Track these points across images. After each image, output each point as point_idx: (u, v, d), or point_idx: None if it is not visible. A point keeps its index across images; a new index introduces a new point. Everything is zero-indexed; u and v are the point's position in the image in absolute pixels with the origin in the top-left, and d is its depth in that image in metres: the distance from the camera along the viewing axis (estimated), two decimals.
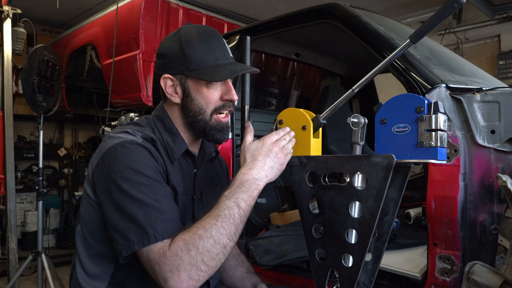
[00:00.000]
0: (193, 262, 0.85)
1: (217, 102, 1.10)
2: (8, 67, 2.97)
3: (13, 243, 2.90)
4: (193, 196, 1.15)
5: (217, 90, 1.09)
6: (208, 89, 1.08)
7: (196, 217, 1.14)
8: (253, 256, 1.70)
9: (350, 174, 0.89)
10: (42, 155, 2.99)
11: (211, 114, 1.09)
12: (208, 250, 0.86)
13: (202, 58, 1.06)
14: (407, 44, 0.95)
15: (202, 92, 1.08)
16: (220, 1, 4.13)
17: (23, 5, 3.29)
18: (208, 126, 1.10)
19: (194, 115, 1.09)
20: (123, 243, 0.90)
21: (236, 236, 0.91)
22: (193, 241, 0.86)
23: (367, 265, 0.94)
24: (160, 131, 1.10)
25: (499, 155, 1.17)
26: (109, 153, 0.97)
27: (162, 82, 1.11)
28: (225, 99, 1.10)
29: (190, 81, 1.08)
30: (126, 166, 0.94)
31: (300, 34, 2.29)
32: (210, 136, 1.11)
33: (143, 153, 0.98)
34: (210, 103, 1.09)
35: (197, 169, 1.18)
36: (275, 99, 3.31)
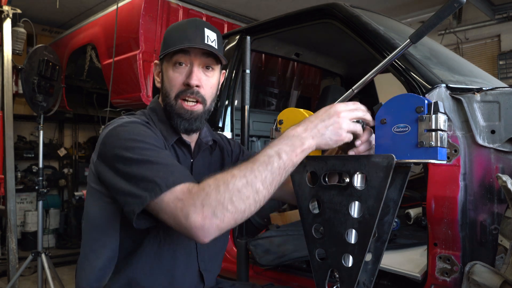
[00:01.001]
0: (220, 198, 0.79)
1: (180, 86, 1.09)
2: (8, 67, 2.97)
3: (13, 243, 2.90)
4: None
5: (182, 74, 1.09)
6: (173, 71, 1.10)
7: None
8: (253, 256, 1.70)
9: (350, 174, 0.89)
10: (42, 155, 2.99)
11: (175, 99, 1.10)
12: (239, 190, 0.80)
13: (171, 41, 1.09)
14: (407, 44, 0.95)
15: (168, 74, 1.11)
16: (220, 1, 4.13)
17: (23, 5, 3.29)
18: (173, 111, 1.10)
19: (164, 98, 1.13)
20: (135, 201, 0.86)
21: (271, 186, 0.83)
22: (224, 178, 0.81)
23: (367, 265, 0.94)
24: (154, 122, 1.12)
25: (499, 155, 1.17)
26: (109, 134, 0.99)
27: (152, 69, 1.19)
28: (185, 83, 1.09)
29: (164, 64, 1.13)
30: (127, 139, 0.94)
31: (300, 34, 2.29)
32: (174, 123, 1.11)
33: (143, 128, 1.00)
34: (173, 86, 1.10)
35: (193, 159, 1.18)
36: (275, 99, 3.31)
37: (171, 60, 1.09)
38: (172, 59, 1.09)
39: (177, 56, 1.08)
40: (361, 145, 0.96)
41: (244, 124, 1.72)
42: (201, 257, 1.15)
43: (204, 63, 1.11)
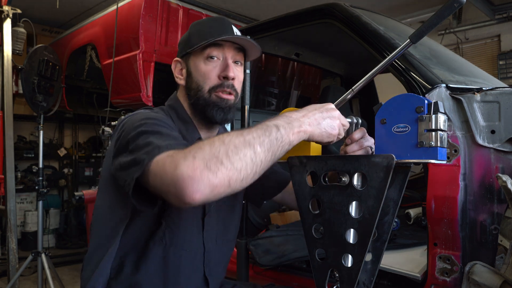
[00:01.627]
0: (214, 152, 0.72)
1: (215, 80, 1.09)
2: (8, 67, 2.97)
3: (13, 243, 2.90)
4: None
5: (215, 68, 1.09)
6: (206, 65, 1.09)
7: (207, 210, 1.13)
8: (253, 256, 1.70)
9: (350, 174, 0.89)
10: (42, 155, 2.99)
11: (209, 92, 1.09)
12: (236, 146, 0.73)
13: (201, 35, 1.08)
14: (407, 44, 0.95)
15: (199, 68, 1.09)
16: (220, 1, 4.13)
17: (23, 5, 3.29)
18: (207, 103, 1.09)
19: (194, 94, 1.10)
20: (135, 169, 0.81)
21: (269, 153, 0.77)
22: (220, 136, 0.76)
23: (367, 265, 0.94)
24: (173, 119, 1.11)
25: (499, 155, 1.17)
26: (126, 120, 1.00)
27: (172, 66, 1.16)
28: (222, 76, 1.09)
29: (191, 59, 1.11)
30: (143, 119, 0.94)
31: (300, 34, 2.29)
32: (210, 114, 1.09)
33: (160, 116, 1.00)
34: (207, 79, 1.09)
35: None
36: (275, 99, 3.32)
37: (203, 54, 1.09)
38: (203, 53, 1.09)
39: (209, 50, 1.08)
40: (351, 144, 0.98)
41: (244, 124, 1.72)
42: (207, 262, 1.14)
43: (235, 57, 1.12)
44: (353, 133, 0.99)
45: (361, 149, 0.98)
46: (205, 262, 1.14)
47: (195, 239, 1.10)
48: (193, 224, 1.10)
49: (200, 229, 1.12)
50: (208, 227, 1.14)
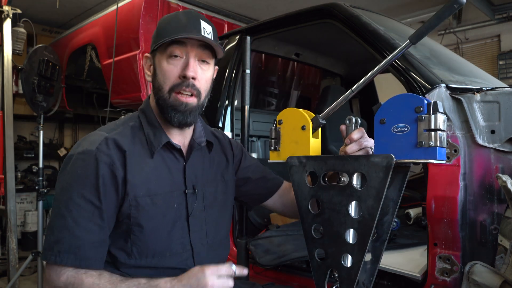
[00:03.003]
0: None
1: (175, 79, 1.06)
2: (8, 67, 2.97)
3: (13, 243, 2.90)
4: (185, 190, 1.12)
5: (177, 66, 1.06)
6: (168, 64, 1.06)
7: (190, 211, 1.11)
8: (253, 256, 1.69)
9: (350, 174, 0.89)
10: (42, 155, 3.00)
11: (169, 92, 1.06)
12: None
13: (165, 32, 1.05)
14: (407, 45, 0.95)
15: (162, 66, 1.07)
16: (220, 1, 4.13)
17: (23, 5, 3.29)
18: (166, 104, 1.07)
19: (157, 92, 1.09)
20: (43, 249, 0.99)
21: None
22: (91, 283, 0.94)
23: (367, 265, 0.94)
24: (143, 125, 1.11)
25: (499, 155, 1.17)
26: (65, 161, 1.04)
27: (143, 62, 1.14)
28: (181, 76, 1.06)
29: (157, 57, 1.09)
30: (70, 178, 0.99)
31: (300, 34, 2.28)
32: (167, 115, 1.08)
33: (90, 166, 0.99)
34: (167, 79, 1.06)
35: (186, 161, 1.14)
36: (275, 99, 3.31)
37: (165, 51, 1.06)
38: (166, 50, 1.05)
39: (172, 48, 1.05)
40: (350, 144, 0.97)
41: (244, 124, 1.72)
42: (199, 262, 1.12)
43: (200, 56, 1.08)
44: (352, 133, 0.99)
45: (361, 149, 0.98)
46: (196, 263, 1.11)
47: (179, 242, 1.09)
48: (174, 227, 1.08)
49: (186, 231, 1.11)
50: (195, 227, 1.12)
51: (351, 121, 1.01)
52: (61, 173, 1.02)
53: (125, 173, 1.02)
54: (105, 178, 0.99)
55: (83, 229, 0.96)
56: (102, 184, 0.99)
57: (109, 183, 1.00)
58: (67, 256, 0.94)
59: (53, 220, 0.98)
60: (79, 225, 0.96)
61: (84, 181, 0.98)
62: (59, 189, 1.00)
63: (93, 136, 1.05)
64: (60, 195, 0.99)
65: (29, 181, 4.93)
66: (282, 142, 1.06)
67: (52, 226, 0.97)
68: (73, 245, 0.95)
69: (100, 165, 0.99)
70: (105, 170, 0.99)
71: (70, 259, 0.94)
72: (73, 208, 0.96)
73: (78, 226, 0.96)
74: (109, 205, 1.00)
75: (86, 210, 0.97)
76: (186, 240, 1.11)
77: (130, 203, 1.02)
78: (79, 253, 0.95)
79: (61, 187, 1.00)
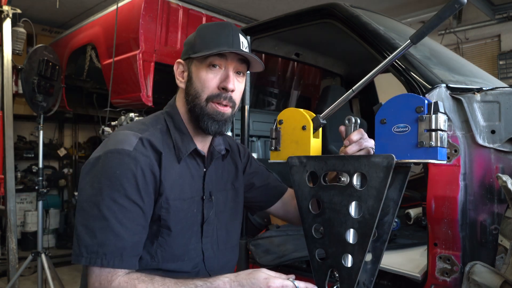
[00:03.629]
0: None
1: (214, 89, 1.07)
2: (8, 67, 2.97)
3: (13, 243, 2.90)
4: (202, 196, 1.13)
5: (216, 77, 1.07)
6: (207, 73, 1.07)
7: (205, 217, 1.12)
8: (253, 256, 1.70)
9: (350, 174, 0.89)
10: (42, 155, 3.00)
11: (206, 101, 1.07)
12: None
13: (206, 42, 1.06)
14: (408, 45, 0.95)
15: (201, 75, 1.07)
16: (220, 1, 4.13)
17: (23, 5, 3.29)
18: (202, 112, 1.08)
19: (192, 99, 1.09)
20: (75, 249, 0.93)
21: None
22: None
23: (367, 265, 0.94)
24: (170, 128, 1.10)
25: (499, 155, 1.17)
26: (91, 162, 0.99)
27: (175, 67, 1.13)
28: (221, 87, 1.08)
29: (194, 64, 1.09)
30: (107, 178, 0.95)
31: (300, 34, 2.28)
32: (203, 124, 1.08)
33: (129, 165, 0.96)
34: (205, 88, 1.07)
35: (206, 168, 1.16)
36: (275, 99, 3.32)
37: (205, 61, 1.07)
38: (206, 60, 1.07)
39: (212, 58, 1.06)
40: (350, 145, 0.97)
41: (244, 124, 1.72)
42: (210, 267, 1.14)
43: (237, 69, 1.10)
44: (351, 134, 0.99)
45: (362, 150, 0.98)
46: (207, 268, 1.13)
47: (193, 247, 1.10)
48: (192, 232, 1.10)
49: (199, 237, 1.12)
50: (207, 233, 1.13)
51: (350, 121, 1.01)
52: (89, 174, 0.97)
53: (160, 175, 1.02)
54: (146, 178, 0.98)
55: (129, 230, 0.94)
56: (144, 184, 0.98)
57: (149, 183, 0.99)
58: (113, 258, 0.91)
59: (91, 223, 0.93)
60: (124, 226, 0.93)
61: (125, 181, 0.95)
62: (92, 190, 0.95)
63: (122, 136, 1.01)
64: (95, 196, 0.94)
65: (29, 181, 4.93)
66: (283, 142, 1.07)
67: (91, 229, 0.92)
68: (118, 247, 0.92)
69: (141, 165, 0.98)
70: (146, 170, 0.98)
71: (116, 261, 0.92)
72: (117, 209, 0.93)
73: (123, 227, 0.93)
74: (150, 205, 1.00)
75: (130, 211, 0.95)
76: (198, 245, 1.12)
77: (162, 205, 1.02)
78: (124, 255, 0.93)
79: (96, 188, 0.94)
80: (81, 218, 0.95)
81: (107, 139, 1.04)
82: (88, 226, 0.93)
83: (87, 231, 0.93)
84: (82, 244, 0.92)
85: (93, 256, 0.91)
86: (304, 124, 1.02)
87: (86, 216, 0.94)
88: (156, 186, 1.01)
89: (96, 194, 0.94)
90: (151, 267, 1.03)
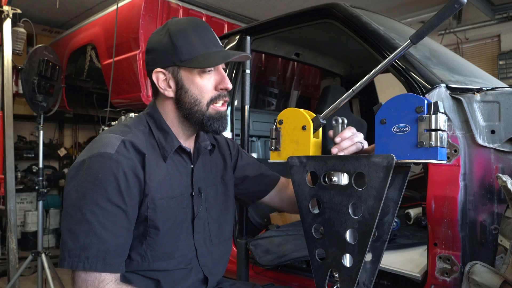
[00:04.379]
0: None
1: (212, 92, 1.08)
2: (8, 67, 2.97)
3: (13, 243, 2.90)
4: (192, 192, 1.14)
5: (210, 80, 1.08)
6: (202, 78, 1.07)
7: (196, 213, 1.13)
8: (253, 256, 1.70)
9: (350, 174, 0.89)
10: (42, 155, 2.99)
11: (207, 105, 1.08)
12: None
13: (192, 47, 1.05)
14: (408, 45, 0.95)
15: (195, 82, 1.07)
16: (220, 1, 4.13)
17: (23, 5, 3.29)
18: (205, 116, 1.08)
19: (190, 107, 1.08)
20: (60, 254, 0.94)
21: None
22: None
23: (367, 265, 0.94)
24: (152, 129, 1.10)
25: (499, 155, 1.17)
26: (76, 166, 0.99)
27: (154, 77, 1.08)
28: (220, 89, 1.08)
29: (183, 72, 1.07)
30: (90, 182, 0.94)
31: (300, 34, 2.29)
32: (208, 127, 1.09)
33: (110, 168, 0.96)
34: (205, 93, 1.07)
35: (194, 164, 1.16)
36: (275, 99, 3.32)
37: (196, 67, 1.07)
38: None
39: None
40: (343, 141, 0.98)
41: (244, 124, 1.72)
42: (203, 262, 1.15)
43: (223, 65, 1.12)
44: (343, 132, 1.00)
45: (353, 145, 0.99)
46: (201, 264, 1.14)
47: (184, 243, 1.10)
48: (182, 228, 1.10)
49: (191, 233, 1.12)
50: (198, 229, 1.14)
51: (337, 122, 1.02)
52: (74, 179, 0.97)
53: (144, 176, 1.01)
54: (129, 181, 0.98)
55: (111, 234, 0.94)
56: (126, 186, 0.97)
57: (132, 186, 0.99)
58: (95, 261, 0.91)
59: (75, 226, 0.93)
60: (107, 229, 0.93)
61: (107, 184, 0.95)
62: (76, 194, 0.95)
63: (106, 139, 1.01)
64: (79, 200, 0.94)
65: (29, 181, 4.93)
66: (283, 142, 1.07)
67: (74, 233, 0.92)
68: (101, 250, 0.92)
69: (123, 168, 0.97)
70: (129, 173, 0.98)
71: (99, 264, 0.92)
72: (99, 213, 0.93)
73: (106, 231, 0.93)
74: (133, 207, 1.00)
75: (113, 214, 0.95)
76: (190, 241, 1.12)
77: (147, 206, 1.02)
78: (107, 258, 0.93)
79: (80, 192, 0.94)
80: (66, 222, 0.95)
81: (92, 142, 1.04)
82: (72, 230, 0.93)
83: (70, 235, 0.93)
84: (66, 249, 0.92)
85: (75, 260, 0.91)
86: (304, 124, 1.03)
87: (70, 220, 0.94)
88: (141, 187, 1.01)
89: (80, 198, 0.94)
90: (142, 268, 1.04)
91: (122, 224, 0.96)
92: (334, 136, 1.01)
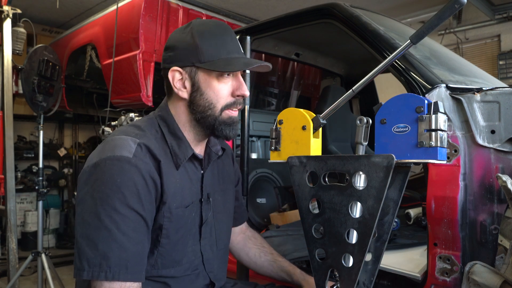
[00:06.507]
0: None
1: (228, 98, 1.06)
2: (8, 67, 2.97)
3: (13, 243, 2.90)
4: (201, 198, 1.11)
5: (227, 85, 1.05)
6: (219, 82, 1.04)
7: (204, 219, 1.11)
8: None
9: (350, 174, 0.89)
10: (42, 155, 2.99)
11: (221, 110, 1.05)
12: None
13: (215, 49, 1.02)
14: (408, 45, 0.95)
15: (212, 85, 1.03)
16: (220, 1, 4.13)
17: (23, 5, 3.29)
18: (217, 121, 1.05)
19: (203, 110, 1.05)
20: (77, 263, 0.89)
21: None
22: None
23: (367, 265, 0.94)
24: (164, 134, 1.06)
25: (499, 155, 1.17)
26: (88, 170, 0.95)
27: (170, 75, 1.04)
28: (236, 95, 1.06)
29: (201, 73, 1.03)
30: (108, 187, 0.90)
31: (300, 34, 2.28)
32: (219, 131, 1.07)
33: (129, 173, 0.92)
34: (220, 98, 1.04)
35: (204, 170, 1.14)
36: (275, 99, 3.32)
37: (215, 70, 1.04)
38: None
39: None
40: None
41: (244, 124, 1.72)
42: (210, 268, 1.14)
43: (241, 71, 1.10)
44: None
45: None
46: (207, 269, 1.13)
47: (191, 249, 1.09)
48: (190, 235, 1.08)
49: (197, 239, 1.11)
50: (205, 235, 1.13)
51: (362, 121, 0.98)
52: (87, 183, 0.92)
53: (162, 183, 0.98)
54: (148, 186, 0.94)
55: (132, 241, 0.90)
56: (145, 192, 0.94)
57: (151, 191, 0.96)
58: (118, 270, 0.87)
59: (93, 234, 0.88)
60: (127, 236, 0.89)
61: (126, 190, 0.90)
62: (92, 200, 0.90)
63: (119, 141, 0.96)
64: (96, 206, 0.89)
65: (29, 181, 4.93)
66: (283, 142, 1.06)
67: (92, 240, 0.87)
68: (122, 258, 0.88)
69: (142, 173, 0.93)
70: (147, 178, 0.94)
71: (121, 273, 0.87)
72: (119, 219, 0.88)
73: (126, 237, 0.89)
74: (151, 214, 0.97)
75: (133, 221, 0.91)
76: (197, 247, 1.11)
77: (164, 214, 0.99)
78: (129, 267, 0.89)
79: (96, 198, 0.89)
80: (82, 229, 0.90)
81: (103, 144, 0.99)
82: (90, 238, 0.88)
83: (88, 243, 0.88)
84: (84, 257, 0.87)
85: (95, 269, 0.86)
86: (304, 124, 1.02)
87: (87, 227, 0.89)
88: (158, 194, 0.98)
89: (97, 204, 0.89)
90: (151, 275, 1.02)
91: (141, 231, 0.93)
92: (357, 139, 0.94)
